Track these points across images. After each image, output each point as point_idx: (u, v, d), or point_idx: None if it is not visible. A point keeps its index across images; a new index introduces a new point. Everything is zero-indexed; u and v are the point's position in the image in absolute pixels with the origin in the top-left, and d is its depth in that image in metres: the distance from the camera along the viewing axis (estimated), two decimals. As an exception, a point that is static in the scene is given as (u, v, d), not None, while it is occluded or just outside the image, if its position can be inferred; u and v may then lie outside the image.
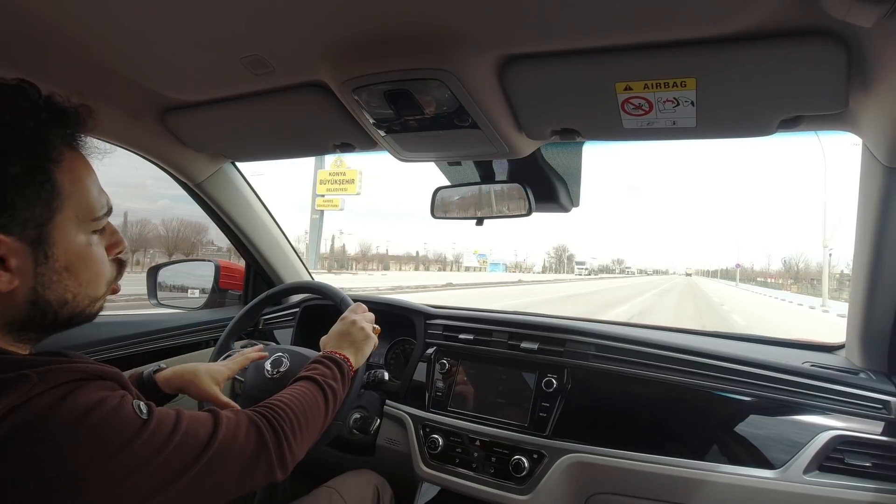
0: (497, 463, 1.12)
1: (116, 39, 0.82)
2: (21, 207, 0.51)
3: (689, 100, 0.77)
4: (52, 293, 0.55)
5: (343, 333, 0.97)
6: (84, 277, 0.58)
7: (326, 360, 0.88)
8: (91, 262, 0.59)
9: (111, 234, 0.63)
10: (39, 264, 0.54)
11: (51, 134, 0.54)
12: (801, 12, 0.62)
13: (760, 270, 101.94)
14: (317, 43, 0.80)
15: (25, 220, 0.52)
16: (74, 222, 0.56)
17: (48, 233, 0.54)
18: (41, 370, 0.50)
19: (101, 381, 0.54)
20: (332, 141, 1.15)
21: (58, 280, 0.55)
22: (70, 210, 0.55)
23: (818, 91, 0.73)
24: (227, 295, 1.77)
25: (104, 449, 0.49)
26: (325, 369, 0.85)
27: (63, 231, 0.55)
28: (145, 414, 0.53)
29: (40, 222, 0.53)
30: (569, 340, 1.16)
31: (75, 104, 0.57)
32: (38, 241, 0.53)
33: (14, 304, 0.54)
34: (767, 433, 0.97)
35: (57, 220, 0.54)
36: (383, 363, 1.50)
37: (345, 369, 0.88)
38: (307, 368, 0.86)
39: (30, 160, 0.52)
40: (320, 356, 0.90)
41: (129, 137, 1.21)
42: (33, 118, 0.53)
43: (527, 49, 0.76)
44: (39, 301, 0.55)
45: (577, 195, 1.24)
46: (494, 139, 0.95)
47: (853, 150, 0.97)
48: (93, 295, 0.60)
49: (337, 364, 0.88)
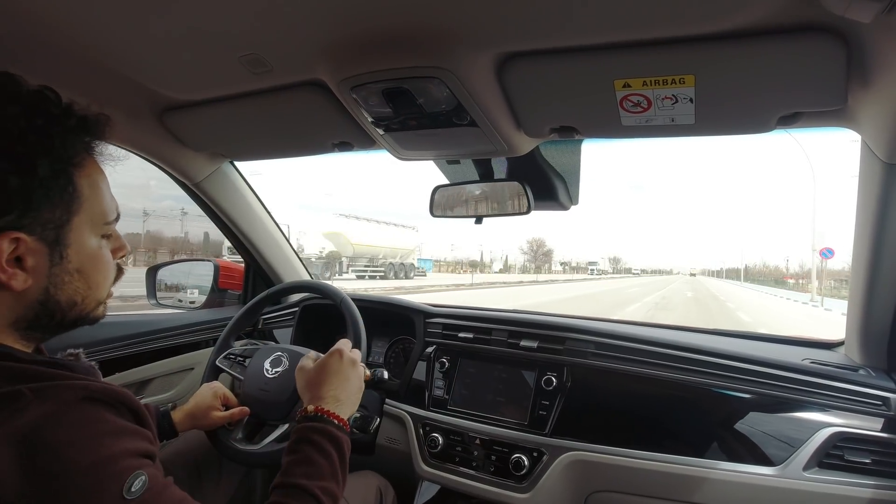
0: (497, 461, 1.12)
1: (115, 39, 0.82)
2: (44, 209, 0.53)
3: (688, 97, 0.77)
4: (63, 294, 0.57)
5: (332, 378, 0.83)
6: (93, 280, 0.60)
7: (320, 437, 0.72)
8: (100, 265, 0.60)
9: (116, 238, 0.64)
10: (54, 265, 0.55)
11: (75, 139, 0.56)
12: (800, 8, 0.61)
13: (774, 269, 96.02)
14: (315, 42, 0.79)
15: (46, 221, 0.53)
16: (89, 226, 0.58)
17: (65, 235, 0.55)
18: (36, 387, 0.48)
19: (104, 405, 0.52)
20: (331, 140, 1.15)
21: (69, 281, 0.57)
22: (86, 214, 0.57)
23: (817, 87, 0.73)
24: (227, 294, 1.77)
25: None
26: (321, 461, 0.69)
27: (78, 234, 0.57)
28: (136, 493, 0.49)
29: (59, 224, 0.55)
30: (568, 339, 1.16)
31: (95, 113, 0.58)
32: (56, 242, 0.55)
33: (25, 303, 0.55)
34: (767, 430, 0.97)
35: (74, 223, 0.56)
36: (383, 362, 1.50)
37: (343, 446, 0.73)
38: (296, 451, 0.70)
39: (56, 164, 0.54)
40: (313, 427, 0.73)
41: (128, 137, 1.21)
42: (62, 124, 0.55)
43: (525, 47, 0.76)
44: (50, 301, 0.56)
45: (576, 193, 1.24)
46: (493, 137, 0.95)
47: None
48: (99, 297, 0.62)
49: (335, 443, 0.72)
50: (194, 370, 1.48)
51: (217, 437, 1.04)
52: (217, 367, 1.17)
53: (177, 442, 1.09)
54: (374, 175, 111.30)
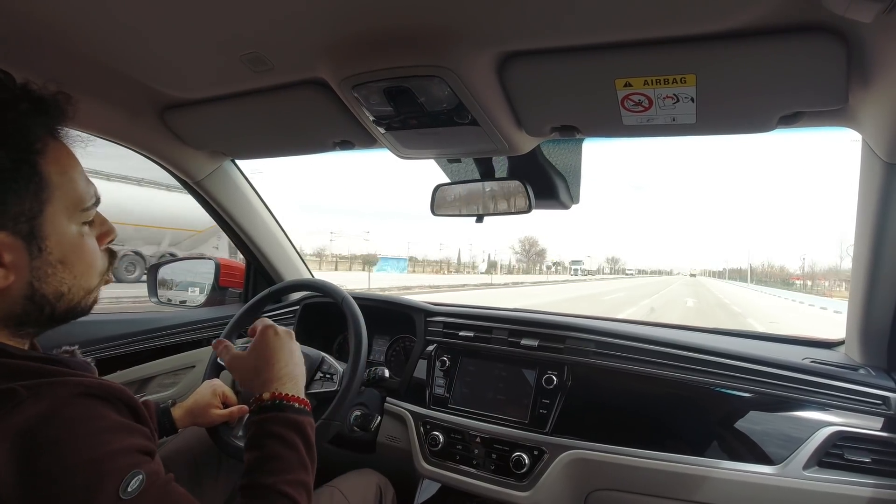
0: (497, 460, 1.12)
1: (116, 37, 0.82)
2: (11, 202, 0.51)
3: (689, 96, 0.77)
4: (48, 286, 0.55)
5: (278, 354, 0.77)
6: (78, 269, 0.58)
7: (281, 428, 0.67)
8: (84, 253, 0.58)
9: (101, 223, 0.62)
10: (34, 258, 0.53)
11: (32, 124, 0.53)
12: (801, 8, 0.61)
13: (780, 269, 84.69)
14: (316, 40, 0.80)
15: (16, 214, 0.51)
16: (65, 214, 0.55)
17: (40, 226, 0.53)
18: (31, 384, 0.48)
19: (101, 401, 0.51)
20: (332, 138, 1.15)
21: (52, 273, 0.55)
22: (59, 202, 0.55)
23: (818, 87, 0.73)
24: (228, 293, 1.78)
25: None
26: (286, 453, 0.65)
27: (54, 223, 0.54)
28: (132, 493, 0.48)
29: (31, 216, 0.52)
30: (569, 337, 1.17)
31: (53, 92, 0.55)
32: (31, 234, 0.53)
33: (10, 299, 0.53)
34: (767, 429, 0.97)
35: (47, 213, 0.54)
36: (384, 360, 1.51)
37: (307, 430, 0.69)
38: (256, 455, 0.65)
39: (15, 153, 0.51)
40: (272, 417, 0.68)
41: (129, 135, 1.21)
42: (12, 109, 0.52)
43: (526, 46, 0.76)
44: (36, 295, 0.55)
45: (577, 192, 1.24)
46: (494, 136, 0.95)
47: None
48: (87, 286, 0.60)
49: (298, 430, 0.68)
50: (195, 368, 1.48)
51: (218, 434, 1.04)
52: (218, 365, 1.17)
53: (175, 440, 1.09)
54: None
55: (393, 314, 1.45)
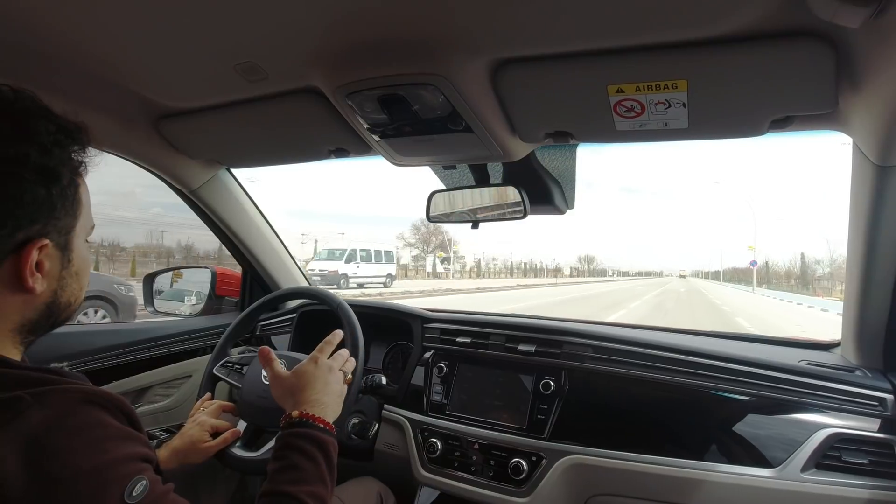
0: (496, 466, 1.12)
1: (110, 47, 0.82)
2: (60, 216, 0.57)
3: (681, 101, 0.78)
4: (65, 296, 0.60)
5: (313, 383, 0.82)
6: (84, 281, 0.63)
7: (305, 442, 0.71)
8: (89, 268, 0.64)
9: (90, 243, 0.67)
10: (63, 269, 0.59)
11: (81, 150, 0.60)
12: (790, 14, 0.62)
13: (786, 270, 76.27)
14: (310, 49, 0.80)
15: (61, 227, 0.57)
16: (83, 231, 0.61)
17: (71, 240, 0.59)
18: (36, 392, 0.49)
19: (102, 408, 0.52)
20: (327, 146, 1.15)
21: (70, 284, 0.60)
22: (83, 219, 0.61)
23: (808, 91, 0.74)
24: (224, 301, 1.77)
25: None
26: (307, 465, 0.69)
27: (78, 239, 0.60)
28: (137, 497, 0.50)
29: (68, 230, 0.58)
30: (566, 342, 1.16)
31: (77, 122, 0.60)
32: (65, 247, 0.58)
33: (35, 305, 0.57)
34: (765, 432, 0.97)
35: (76, 229, 0.60)
36: (381, 367, 1.50)
37: (329, 448, 0.73)
38: (282, 459, 0.69)
39: (72, 174, 0.58)
40: (298, 433, 0.73)
41: (124, 145, 1.21)
42: (73, 137, 0.58)
43: (519, 53, 0.77)
44: (54, 303, 0.59)
45: (572, 197, 1.25)
46: (488, 143, 0.96)
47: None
48: (82, 297, 0.64)
49: (320, 447, 0.72)
50: (192, 377, 1.47)
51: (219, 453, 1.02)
52: (214, 376, 1.16)
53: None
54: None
55: (390, 321, 1.44)
